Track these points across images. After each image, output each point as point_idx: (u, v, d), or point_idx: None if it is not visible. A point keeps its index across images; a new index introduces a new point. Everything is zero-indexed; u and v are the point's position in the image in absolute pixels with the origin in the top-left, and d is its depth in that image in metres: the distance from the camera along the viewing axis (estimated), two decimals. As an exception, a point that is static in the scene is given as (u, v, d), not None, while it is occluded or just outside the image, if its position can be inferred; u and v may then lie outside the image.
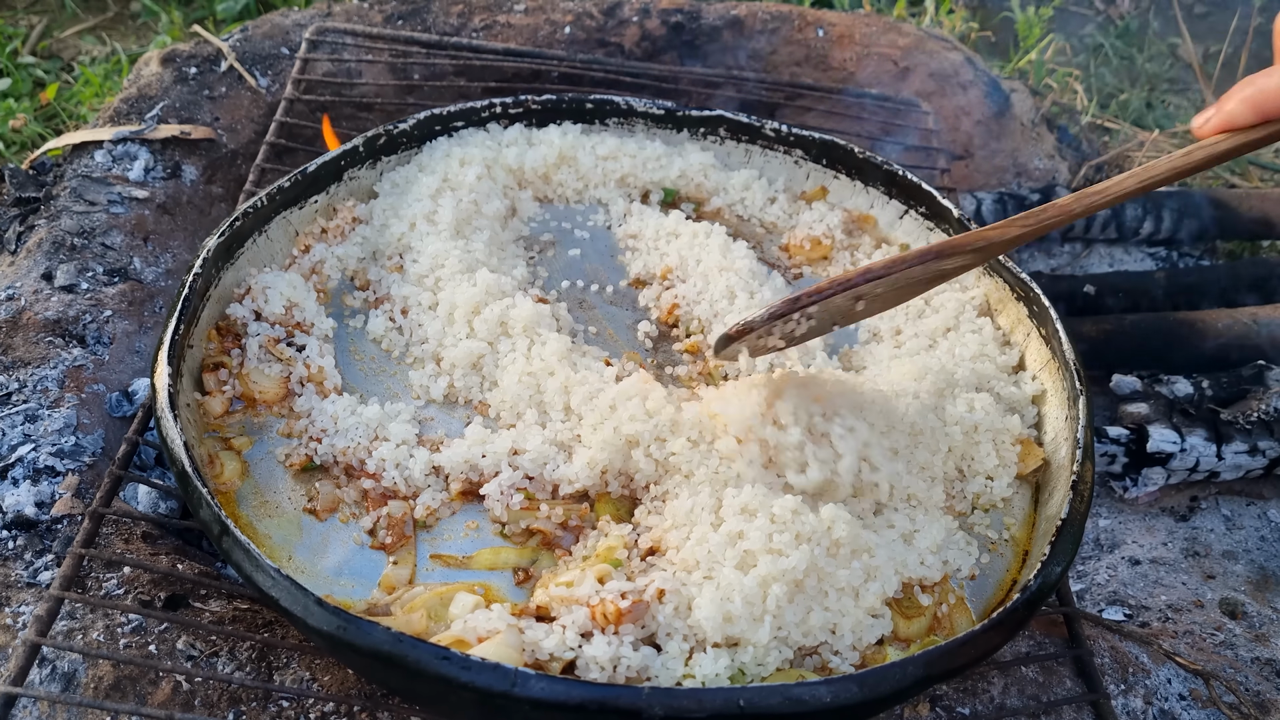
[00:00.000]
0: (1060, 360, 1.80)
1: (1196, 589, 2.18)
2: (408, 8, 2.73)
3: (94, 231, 2.17)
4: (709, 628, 1.41)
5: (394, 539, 1.58)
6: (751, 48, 2.77)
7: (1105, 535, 2.31)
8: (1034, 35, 3.24)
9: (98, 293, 2.06)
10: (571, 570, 1.53)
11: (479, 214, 2.05)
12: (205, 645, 1.56)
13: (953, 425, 1.74)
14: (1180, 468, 2.29)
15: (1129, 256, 2.90)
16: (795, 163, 2.27)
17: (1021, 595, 1.43)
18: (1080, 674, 1.62)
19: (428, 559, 1.58)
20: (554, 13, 2.75)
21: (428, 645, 1.29)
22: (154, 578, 1.63)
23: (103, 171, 2.28)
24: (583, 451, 1.64)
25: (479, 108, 2.20)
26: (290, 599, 1.34)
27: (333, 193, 2.06)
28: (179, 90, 2.47)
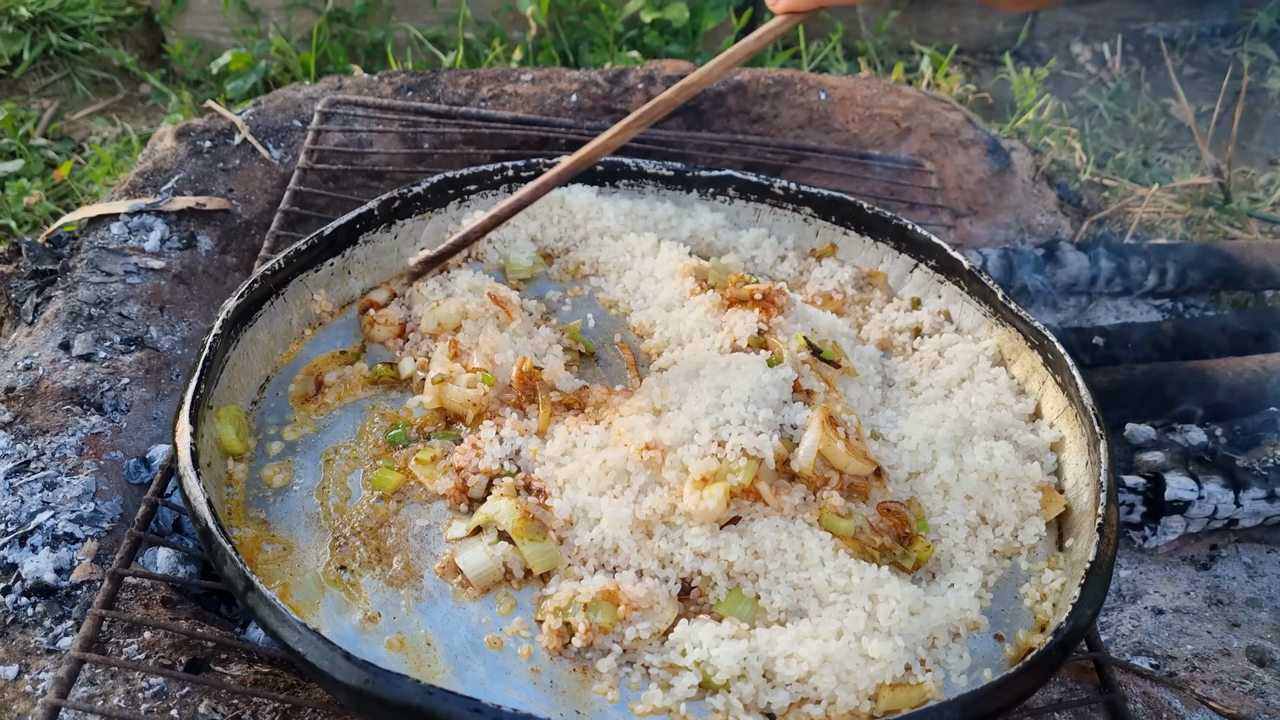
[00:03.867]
0: (1078, 406, 1.81)
1: (1222, 637, 2.16)
2: (417, 80, 2.79)
3: (111, 301, 2.18)
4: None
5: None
6: (755, 112, 2.82)
7: (1127, 586, 2.29)
8: (1030, 96, 3.30)
9: (115, 361, 2.07)
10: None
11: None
12: (228, 709, 1.54)
13: (971, 473, 1.74)
14: (1199, 515, 2.28)
15: (1134, 309, 2.92)
16: (804, 220, 2.30)
17: (1054, 638, 1.42)
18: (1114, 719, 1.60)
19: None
20: (560, 81, 2.81)
21: (459, 697, 1.28)
22: (174, 641, 1.62)
23: (119, 243, 2.30)
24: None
25: (492, 171, 2.24)
26: (317, 653, 1.33)
27: (348, 255, 2.09)
28: (193, 163, 2.51)
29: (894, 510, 1.68)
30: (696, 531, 1.60)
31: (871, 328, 2.13)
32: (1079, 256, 2.81)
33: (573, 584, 1.59)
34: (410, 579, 1.63)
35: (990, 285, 2.03)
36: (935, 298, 2.16)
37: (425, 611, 1.58)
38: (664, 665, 1.51)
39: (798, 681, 1.47)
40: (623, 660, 1.53)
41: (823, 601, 1.57)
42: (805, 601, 1.58)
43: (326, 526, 1.69)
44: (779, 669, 1.48)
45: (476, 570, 1.60)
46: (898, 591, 1.55)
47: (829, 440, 1.66)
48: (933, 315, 2.13)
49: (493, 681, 1.50)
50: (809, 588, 1.58)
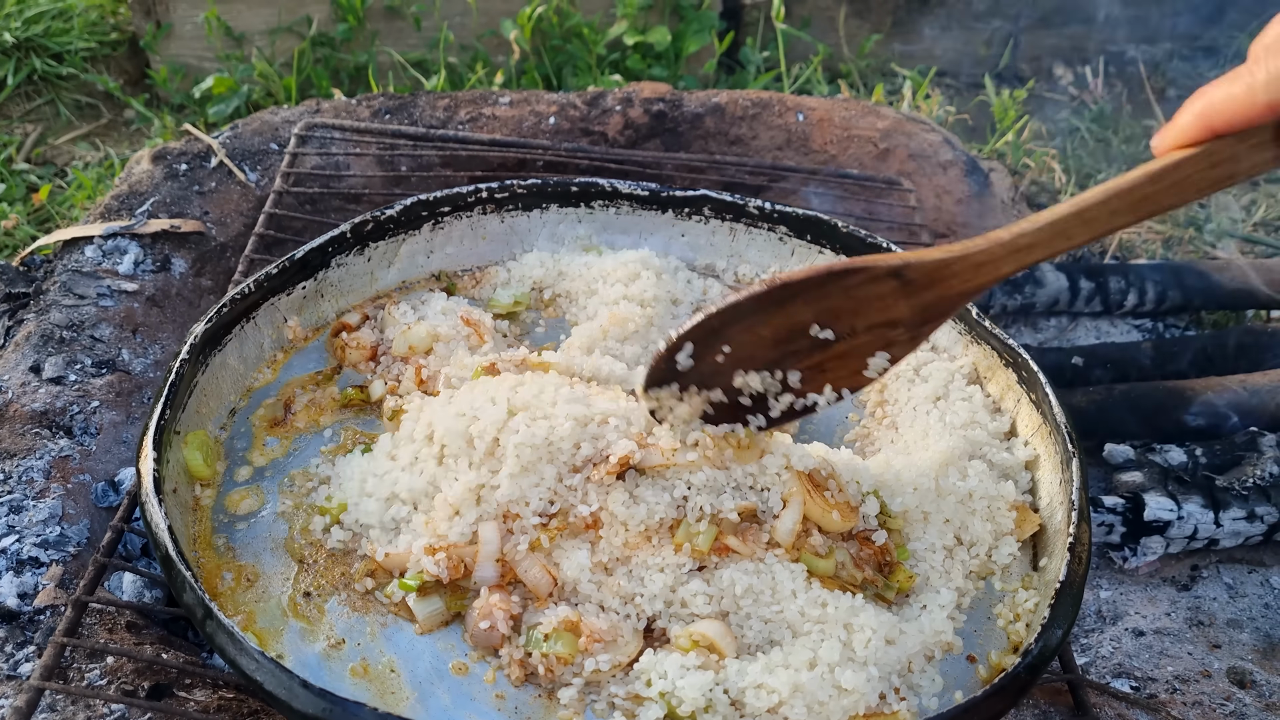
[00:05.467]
0: (1051, 424, 1.80)
1: (1203, 659, 2.14)
2: (394, 103, 2.79)
3: (83, 324, 2.17)
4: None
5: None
6: (734, 133, 2.82)
7: (1107, 607, 2.28)
8: (1010, 117, 3.30)
9: (85, 384, 2.06)
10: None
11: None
12: (189, 736, 1.52)
13: (948, 495, 1.73)
14: (1179, 536, 2.26)
15: (1115, 329, 2.91)
16: (780, 239, 2.29)
17: (1023, 659, 1.40)
18: (1088, 742, 1.58)
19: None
20: (538, 104, 2.81)
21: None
22: (138, 667, 1.60)
23: (93, 266, 2.29)
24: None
25: (465, 194, 2.23)
26: (274, 682, 1.31)
27: (320, 279, 2.08)
28: (169, 186, 2.50)
29: (874, 540, 1.66)
30: (658, 576, 1.57)
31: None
32: (1058, 276, 2.81)
33: (534, 615, 1.57)
34: (375, 605, 1.61)
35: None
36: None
37: (390, 637, 1.56)
38: (629, 696, 1.49)
39: (768, 712, 1.45)
40: (586, 690, 1.51)
41: (796, 632, 1.54)
42: (778, 633, 1.55)
43: (292, 553, 1.67)
44: (748, 699, 1.46)
45: (424, 613, 1.59)
46: (873, 620, 1.52)
47: (821, 510, 1.61)
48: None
49: (457, 708, 1.48)
50: (781, 620, 1.55)
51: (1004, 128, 3.31)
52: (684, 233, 2.34)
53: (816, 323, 1.49)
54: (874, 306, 1.47)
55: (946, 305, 1.47)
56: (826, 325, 1.49)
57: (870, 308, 1.47)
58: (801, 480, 1.63)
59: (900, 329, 1.50)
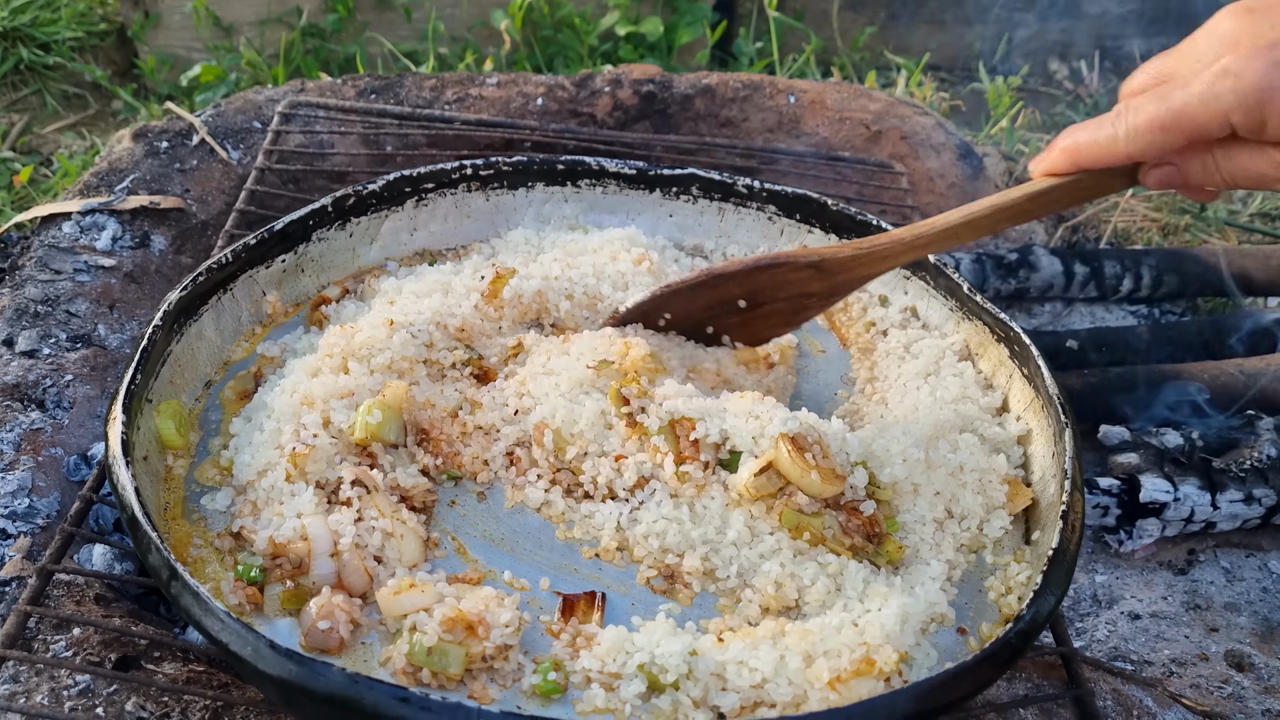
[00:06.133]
0: (1044, 398, 1.76)
1: (1200, 642, 2.10)
2: (381, 83, 2.75)
3: (59, 299, 2.13)
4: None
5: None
6: (724, 115, 2.79)
7: (1103, 591, 2.24)
8: (1004, 104, 3.28)
9: (59, 358, 2.02)
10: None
11: None
12: (156, 707, 1.47)
13: (938, 468, 1.69)
14: (1175, 518, 2.22)
15: (1110, 315, 2.88)
16: (769, 219, 2.25)
17: (1014, 625, 1.36)
18: (1082, 716, 1.53)
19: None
20: (526, 86, 2.77)
21: (385, 685, 1.22)
22: (105, 638, 1.55)
23: (70, 242, 2.25)
24: None
25: (450, 169, 2.19)
26: (240, 642, 1.27)
27: (301, 253, 2.04)
28: (150, 164, 2.46)
29: (861, 510, 1.61)
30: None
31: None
32: (1052, 261, 2.77)
33: (405, 600, 1.46)
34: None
35: (956, 278, 1.98)
36: (902, 294, 2.11)
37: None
38: (603, 672, 1.42)
39: (751, 688, 1.40)
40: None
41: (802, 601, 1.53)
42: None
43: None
44: (729, 675, 1.41)
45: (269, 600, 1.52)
46: (883, 589, 1.51)
47: (800, 471, 1.57)
48: (900, 311, 2.09)
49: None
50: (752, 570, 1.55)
51: (998, 115, 3.28)
52: (672, 213, 2.30)
53: (743, 298, 1.83)
54: (792, 286, 1.79)
55: (853, 284, 1.78)
56: (751, 298, 1.83)
57: (789, 287, 1.79)
58: (782, 439, 1.59)
59: (814, 299, 1.81)
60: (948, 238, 1.65)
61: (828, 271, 1.74)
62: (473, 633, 1.42)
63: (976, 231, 1.63)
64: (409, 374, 1.79)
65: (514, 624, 1.44)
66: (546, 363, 1.81)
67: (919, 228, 1.67)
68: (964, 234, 1.64)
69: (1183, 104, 1.33)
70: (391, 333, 1.80)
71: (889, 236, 1.70)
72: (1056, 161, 1.50)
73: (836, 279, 1.75)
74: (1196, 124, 1.33)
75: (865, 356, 2.04)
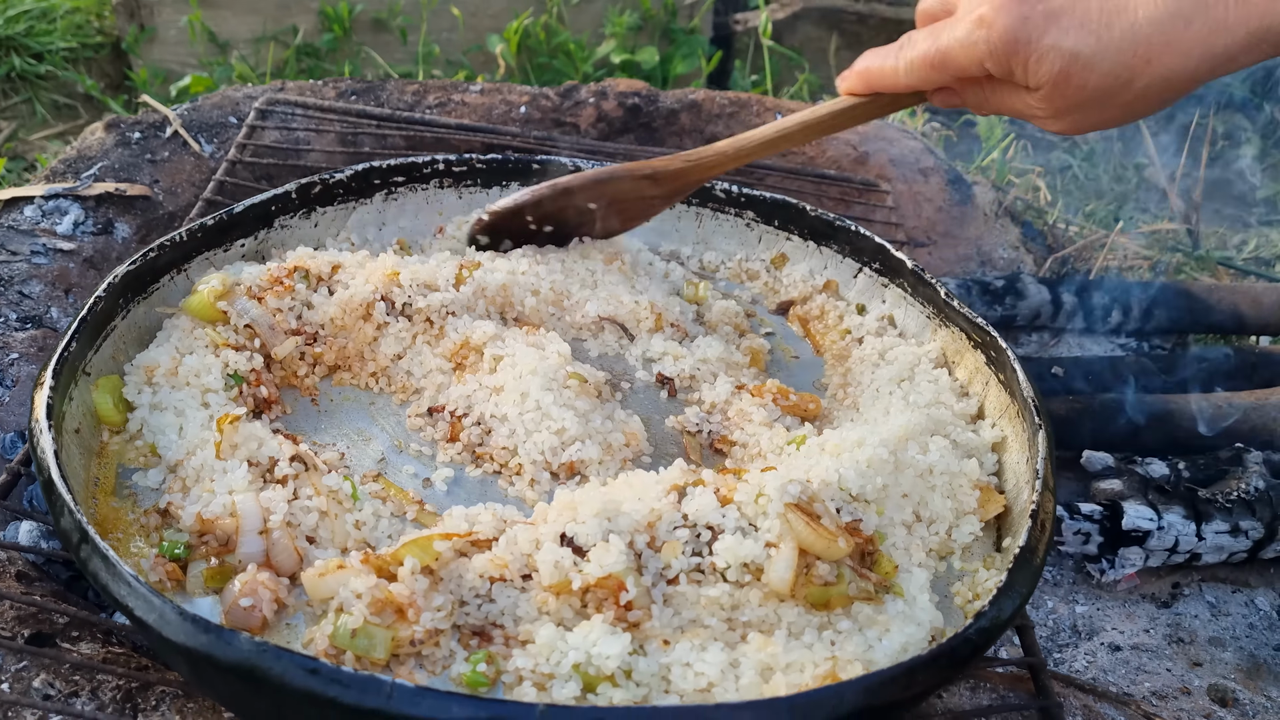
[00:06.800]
0: (1020, 402, 1.69)
1: (1183, 675, 2.01)
2: (362, 86, 2.71)
3: (12, 280, 2.07)
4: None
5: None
6: (710, 131, 2.75)
7: (1083, 621, 2.15)
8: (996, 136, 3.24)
9: (7, 336, 1.95)
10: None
11: None
12: (66, 685, 1.39)
13: (906, 469, 1.61)
14: (1159, 548, 2.14)
15: (1098, 346, 2.81)
16: (747, 225, 2.20)
17: (975, 621, 1.28)
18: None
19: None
20: (510, 94, 2.74)
21: (294, 655, 1.14)
22: (20, 614, 1.47)
23: (30, 225, 2.20)
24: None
25: (421, 163, 2.14)
26: (146, 607, 1.19)
27: (261, 238, 1.98)
28: (120, 153, 2.41)
29: (857, 528, 1.50)
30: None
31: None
32: (1040, 289, 2.71)
33: (331, 581, 1.37)
34: (279, 553, 1.48)
35: (934, 284, 1.92)
36: (880, 302, 2.05)
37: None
38: (536, 672, 1.33)
39: (696, 692, 1.31)
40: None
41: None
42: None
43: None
44: (674, 677, 1.32)
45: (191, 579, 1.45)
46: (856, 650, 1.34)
47: (827, 540, 1.40)
48: (877, 320, 2.02)
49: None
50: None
51: (990, 146, 3.24)
52: (649, 216, 2.25)
53: (592, 201, 2.00)
54: (635, 191, 1.98)
55: (688, 188, 2.00)
56: (599, 202, 2.00)
57: (633, 192, 1.98)
58: (791, 514, 1.40)
59: (657, 200, 2.01)
60: (766, 147, 1.86)
61: (663, 180, 1.95)
62: (402, 616, 1.34)
63: (790, 141, 1.84)
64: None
65: (446, 608, 1.35)
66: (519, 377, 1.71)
67: (739, 140, 1.89)
68: (779, 144, 1.85)
69: (947, 45, 1.48)
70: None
71: (713, 149, 1.92)
72: (853, 83, 1.69)
73: (674, 185, 1.97)
74: (959, 65, 1.48)
75: (839, 363, 1.98)
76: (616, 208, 2.01)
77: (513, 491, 1.64)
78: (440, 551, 1.39)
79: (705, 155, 1.92)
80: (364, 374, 1.82)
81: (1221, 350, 2.71)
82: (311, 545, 1.46)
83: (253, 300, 1.77)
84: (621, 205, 2.01)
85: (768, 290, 2.15)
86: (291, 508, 1.47)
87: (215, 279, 1.78)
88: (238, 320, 1.74)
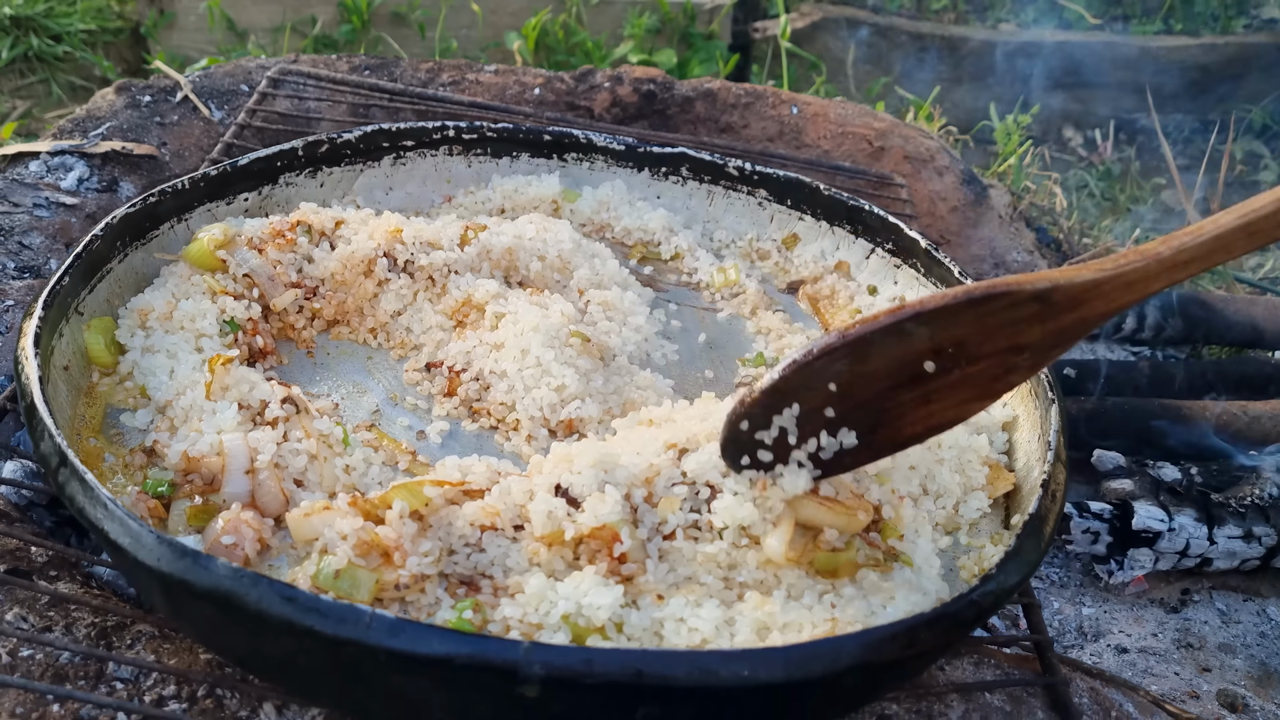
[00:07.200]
0: (1032, 380, 1.65)
1: (1191, 680, 1.95)
2: (376, 62, 2.70)
3: (13, 231, 2.04)
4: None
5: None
6: (724, 120, 2.72)
7: (1090, 623, 2.09)
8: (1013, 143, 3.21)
9: (3, 285, 1.92)
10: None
11: None
12: (40, 619, 1.34)
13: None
14: (1169, 550, 2.08)
15: (1110, 354, 2.77)
16: (759, 204, 2.17)
17: (981, 584, 1.23)
18: (1054, 705, 1.39)
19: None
20: (524, 76, 2.72)
21: (273, 583, 1.09)
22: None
23: (35, 179, 2.17)
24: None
25: (431, 128, 2.12)
26: (121, 530, 1.15)
27: (265, 194, 1.95)
28: (129, 114, 2.39)
29: (861, 493, 1.45)
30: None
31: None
32: (1054, 292, 2.67)
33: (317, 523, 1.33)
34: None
35: (948, 263, 1.88)
36: (892, 284, 2.01)
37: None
38: (524, 621, 1.28)
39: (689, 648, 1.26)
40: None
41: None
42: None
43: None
44: (667, 632, 1.27)
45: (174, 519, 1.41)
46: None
47: (833, 515, 1.34)
48: (889, 301, 1.98)
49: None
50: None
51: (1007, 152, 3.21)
52: (660, 194, 2.22)
53: (931, 357, 1.26)
54: (1004, 333, 1.25)
55: (1083, 329, 1.26)
56: (940, 357, 1.26)
57: (999, 334, 1.25)
58: (804, 501, 1.34)
59: (1027, 354, 1.27)
60: (1219, 249, 1.21)
61: (1056, 308, 1.23)
62: (388, 560, 1.29)
63: (1254, 239, 1.20)
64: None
65: (434, 554, 1.31)
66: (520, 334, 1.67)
67: (1178, 239, 1.22)
68: (1239, 243, 1.21)
69: None
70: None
71: (1139, 253, 1.23)
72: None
73: (1064, 321, 1.24)
74: None
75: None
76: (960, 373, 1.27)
77: (509, 447, 1.60)
78: (430, 497, 1.34)
79: (1128, 265, 1.22)
80: (362, 329, 1.78)
81: (1237, 360, 2.67)
82: (299, 488, 1.42)
83: (253, 251, 1.74)
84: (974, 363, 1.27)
85: (778, 270, 2.11)
86: (280, 449, 1.43)
87: (216, 228, 1.75)
88: (236, 269, 1.71)
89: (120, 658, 1.25)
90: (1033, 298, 1.22)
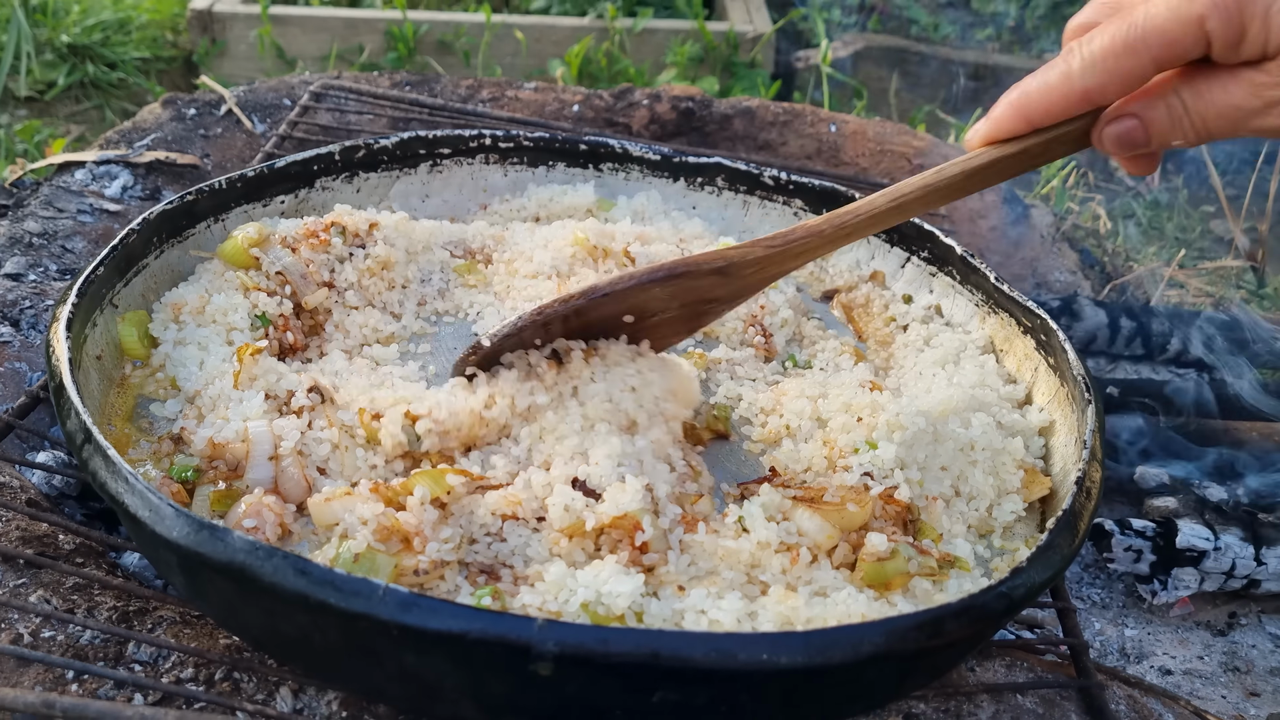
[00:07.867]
0: (1070, 384, 1.61)
1: (1238, 704, 1.88)
2: (417, 78, 2.73)
3: (56, 235, 2.08)
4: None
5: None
6: (763, 138, 2.72)
7: (1132, 645, 2.03)
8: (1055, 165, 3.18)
9: (44, 285, 1.95)
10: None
11: None
12: (63, 602, 1.35)
13: (946, 441, 1.54)
14: (1215, 570, 2.02)
15: (1156, 375, 2.71)
16: (795, 214, 2.15)
17: (1011, 576, 1.19)
18: (1089, 710, 1.34)
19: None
20: (564, 93, 2.74)
21: (286, 555, 1.08)
22: (25, 534, 1.44)
23: (80, 186, 2.22)
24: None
25: (467, 136, 2.13)
26: (139, 503, 1.15)
27: (301, 197, 1.97)
28: (174, 126, 2.44)
29: (895, 497, 1.43)
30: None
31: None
32: (1097, 311, 2.63)
33: (340, 507, 1.32)
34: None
35: (984, 269, 1.86)
36: (927, 292, 1.98)
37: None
38: (543, 609, 1.26)
39: None
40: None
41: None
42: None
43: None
44: (687, 624, 1.25)
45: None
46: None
47: (833, 514, 1.36)
48: (924, 309, 1.96)
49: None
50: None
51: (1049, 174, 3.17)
52: (695, 204, 2.21)
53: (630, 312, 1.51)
54: (692, 294, 1.50)
55: (762, 283, 1.52)
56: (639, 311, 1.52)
57: (688, 294, 1.50)
58: (796, 509, 1.37)
59: (716, 304, 1.54)
60: (874, 223, 1.43)
61: (734, 275, 1.47)
62: (408, 545, 1.28)
63: (906, 213, 1.42)
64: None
65: (454, 541, 1.30)
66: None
67: (839, 215, 1.44)
68: (892, 217, 1.42)
69: (1146, 19, 1.14)
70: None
71: (804, 228, 1.46)
72: (1003, 119, 1.28)
73: (744, 281, 1.49)
74: (1166, 39, 1.14)
75: (883, 348, 1.91)
76: (659, 318, 1.54)
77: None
78: (453, 485, 1.34)
79: (793, 239, 1.46)
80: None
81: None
82: (322, 476, 1.42)
83: (286, 249, 1.75)
84: (668, 312, 1.54)
85: (812, 279, 2.10)
86: (304, 437, 1.43)
87: (251, 227, 1.76)
88: (270, 267, 1.73)
89: (140, 637, 1.25)
90: (712, 272, 1.47)
